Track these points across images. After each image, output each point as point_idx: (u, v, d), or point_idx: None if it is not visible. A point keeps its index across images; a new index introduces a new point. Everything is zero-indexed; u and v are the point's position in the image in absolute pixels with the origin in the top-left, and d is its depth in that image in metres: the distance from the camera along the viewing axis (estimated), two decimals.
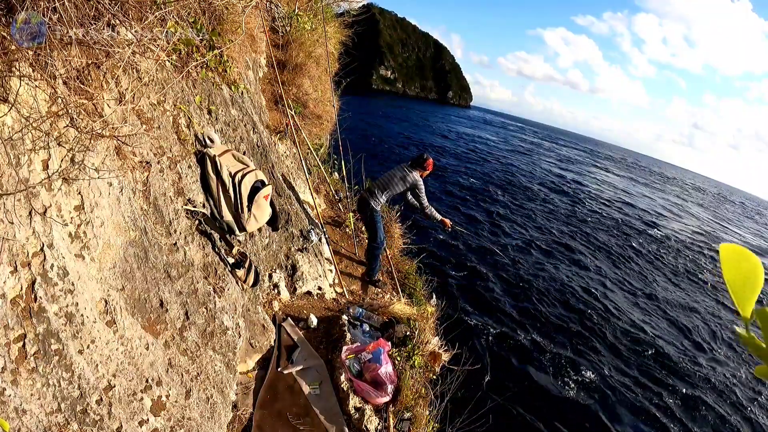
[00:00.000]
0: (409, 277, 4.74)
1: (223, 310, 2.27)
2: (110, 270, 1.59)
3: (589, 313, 8.88)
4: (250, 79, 3.84)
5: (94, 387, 1.39)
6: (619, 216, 19.68)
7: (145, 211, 1.87)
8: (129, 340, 1.59)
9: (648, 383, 7.03)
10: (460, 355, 3.29)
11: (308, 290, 3.50)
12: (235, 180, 2.44)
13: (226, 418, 2.10)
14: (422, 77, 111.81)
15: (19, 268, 1.22)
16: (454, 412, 3.21)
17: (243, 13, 2.91)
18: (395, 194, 4.12)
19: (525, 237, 12.81)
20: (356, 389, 2.56)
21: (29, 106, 1.31)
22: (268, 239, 3.23)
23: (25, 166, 1.27)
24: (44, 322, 1.26)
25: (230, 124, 2.94)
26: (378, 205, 4.10)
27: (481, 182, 18.96)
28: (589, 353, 7.42)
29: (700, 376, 7.72)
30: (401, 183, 4.06)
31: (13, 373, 1.15)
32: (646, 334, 8.63)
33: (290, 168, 4.46)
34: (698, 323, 10.02)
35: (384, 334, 3.10)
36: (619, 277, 11.54)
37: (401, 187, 4.07)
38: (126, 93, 1.74)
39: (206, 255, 2.28)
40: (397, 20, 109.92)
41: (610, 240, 14.89)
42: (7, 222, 1.20)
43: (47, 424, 1.22)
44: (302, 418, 2.34)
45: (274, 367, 2.59)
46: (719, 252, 0.32)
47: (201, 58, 2.54)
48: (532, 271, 10.34)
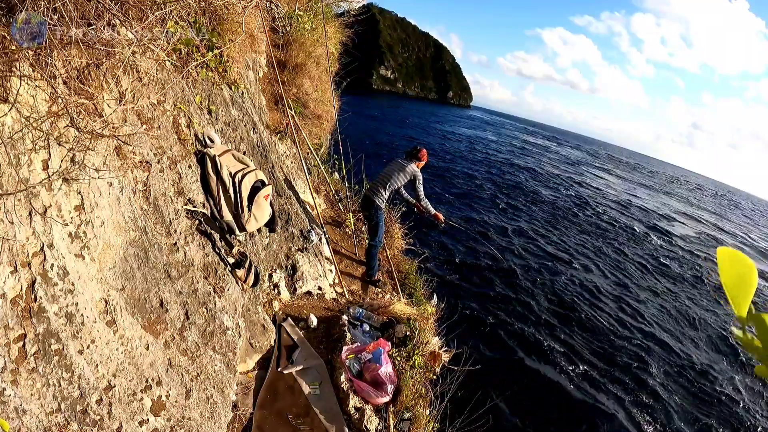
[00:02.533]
0: (409, 277, 4.74)
1: (223, 310, 2.27)
2: (110, 270, 1.59)
3: (591, 315, 8.88)
4: (250, 79, 3.84)
5: (94, 387, 1.39)
6: (623, 218, 19.67)
7: (145, 211, 1.87)
8: (129, 340, 1.59)
9: (648, 384, 7.03)
10: (460, 355, 3.29)
11: (308, 290, 3.50)
12: (235, 180, 2.44)
13: (226, 418, 2.10)
14: (422, 77, 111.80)
15: (19, 268, 1.22)
16: (454, 412, 3.21)
17: (243, 13, 2.91)
18: (397, 187, 4.14)
19: (526, 237, 12.81)
20: (356, 389, 2.56)
21: (29, 106, 1.31)
22: (268, 239, 3.23)
23: (25, 166, 1.27)
24: (44, 322, 1.27)
25: (230, 124, 2.95)
26: (382, 203, 4.13)
27: (482, 183, 18.96)
28: (589, 354, 7.41)
29: (703, 376, 7.71)
30: (402, 175, 4.09)
31: (13, 373, 1.15)
32: (648, 335, 8.63)
33: (290, 168, 4.46)
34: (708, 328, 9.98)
35: (384, 334, 3.10)
36: (624, 281, 11.52)
37: (402, 179, 4.10)
38: (126, 93, 1.74)
39: (206, 255, 2.28)
40: (397, 20, 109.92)
41: (614, 242, 14.88)
42: (7, 222, 1.20)
43: (47, 424, 1.22)
44: (302, 418, 2.34)
45: (274, 367, 2.59)
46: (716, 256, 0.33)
47: (201, 58, 2.54)
48: (534, 272, 10.34)
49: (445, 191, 15.69)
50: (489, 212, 14.51)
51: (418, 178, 4.08)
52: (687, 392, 7.16)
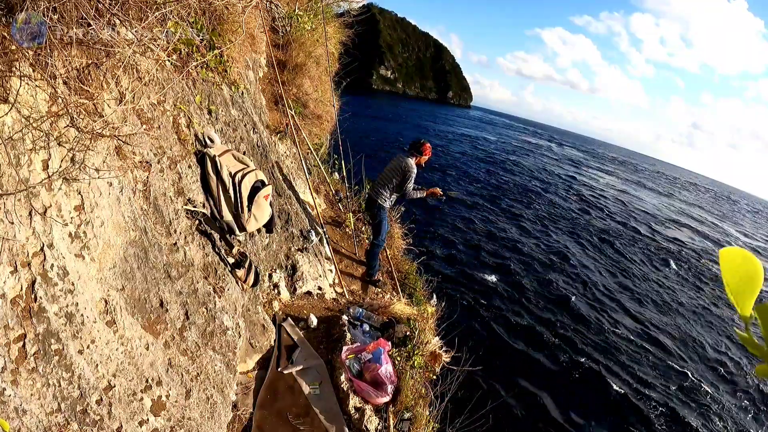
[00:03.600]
0: (409, 277, 4.74)
1: (223, 310, 2.27)
2: (110, 270, 1.59)
3: (592, 315, 8.88)
4: (250, 79, 3.84)
5: (94, 387, 1.39)
6: (623, 218, 19.66)
7: (145, 211, 1.87)
8: (129, 340, 1.59)
9: (649, 385, 7.03)
10: (460, 355, 3.29)
11: (308, 290, 3.50)
12: (235, 180, 2.44)
13: (226, 418, 2.10)
14: (422, 77, 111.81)
15: (19, 268, 1.22)
16: (454, 412, 3.21)
17: (243, 13, 2.91)
18: (394, 185, 4.03)
19: (527, 238, 12.81)
20: (356, 389, 2.56)
21: (29, 106, 1.31)
22: (268, 239, 3.23)
23: (25, 166, 1.27)
24: (44, 322, 1.26)
25: (230, 124, 2.94)
26: (385, 202, 4.05)
27: (482, 183, 18.96)
28: (590, 354, 7.41)
29: (706, 378, 7.71)
30: (396, 173, 3.99)
31: (13, 373, 1.15)
32: (650, 337, 8.62)
33: (290, 168, 4.46)
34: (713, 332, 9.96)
35: (384, 334, 3.10)
36: (626, 282, 11.52)
37: (397, 177, 3.99)
38: (126, 93, 1.74)
39: (206, 255, 2.28)
40: (397, 20, 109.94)
41: (614, 242, 14.87)
42: (7, 222, 1.20)
43: (47, 424, 1.22)
44: (302, 418, 2.34)
45: (274, 367, 2.59)
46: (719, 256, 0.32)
47: (201, 58, 2.54)
48: (535, 272, 10.34)
49: (445, 192, 15.69)
50: (489, 212, 14.52)
51: (407, 175, 3.93)
52: (688, 392, 7.16)
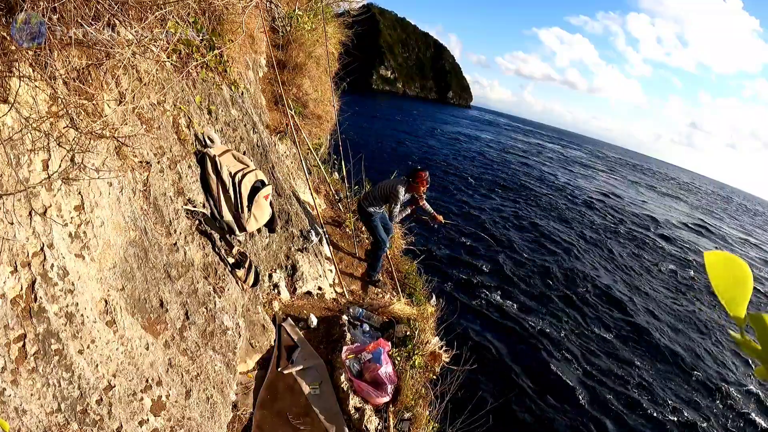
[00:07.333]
0: (409, 277, 4.74)
1: (223, 310, 2.27)
2: (110, 270, 1.59)
3: (592, 315, 8.88)
4: (250, 79, 3.84)
5: (94, 387, 1.39)
6: (624, 219, 19.66)
7: (145, 211, 1.87)
8: (129, 340, 1.59)
9: (650, 385, 7.03)
10: (460, 355, 3.29)
11: (308, 290, 3.50)
12: (235, 180, 2.44)
13: (226, 418, 2.10)
14: (422, 77, 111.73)
15: (19, 268, 1.22)
16: (454, 412, 3.21)
17: (243, 13, 2.91)
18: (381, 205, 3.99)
19: (528, 238, 12.81)
20: (356, 389, 2.56)
21: (29, 107, 1.31)
22: (268, 239, 3.23)
23: (25, 166, 1.27)
24: (44, 322, 1.27)
25: (230, 124, 2.94)
26: (373, 209, 4.00)
27: (483, 183, 18.95)
28: (590, 354, 7.41)
29: (708, 378, 7.71)
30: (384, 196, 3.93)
31: (13, 373, 1.15)
32: (654, 340, 8.61)
33: (290, 168, 4.46)
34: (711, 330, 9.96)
35: (384, 334, 3.10)
36: (629, 281, 11.52)
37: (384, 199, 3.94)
38: (126, 93, 1.74)
39: (206, 255, 2.28)
40: (397, 20, 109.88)
41: (615, 243, 14.87)
42: (7, 222, 1.20)
43: (47, 424, 1.22)
44: (302, 418, 2.34)
45: (274, 367, 2.60)
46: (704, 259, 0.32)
47: (201, 58, 2.54)
48: (535, 272, 10.34)
49: (446, 192, 15.69)
50: (490, 213, 14.52)
51: (392, 201, 3.85)
52: (688, 393, 7.16)
